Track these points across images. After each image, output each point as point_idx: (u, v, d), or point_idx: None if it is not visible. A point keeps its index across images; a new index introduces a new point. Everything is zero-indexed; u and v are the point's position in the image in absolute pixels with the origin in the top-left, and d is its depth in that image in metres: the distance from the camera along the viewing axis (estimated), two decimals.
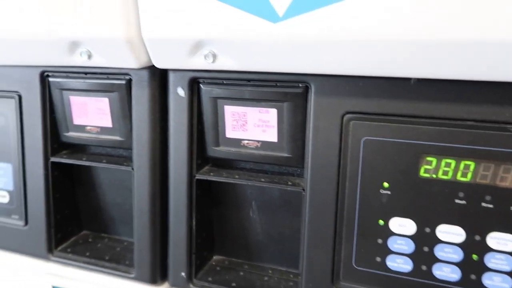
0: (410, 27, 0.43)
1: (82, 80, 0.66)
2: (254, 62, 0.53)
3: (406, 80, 0.50)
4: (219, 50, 0.53)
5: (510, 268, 0.49)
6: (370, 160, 0.53)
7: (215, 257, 0.72)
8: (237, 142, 0.61)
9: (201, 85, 0.60)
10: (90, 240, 0.78)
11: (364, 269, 0.56)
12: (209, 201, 0.68)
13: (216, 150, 0.63)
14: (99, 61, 0.60)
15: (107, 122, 0.67)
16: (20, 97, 0.70)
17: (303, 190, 0.58)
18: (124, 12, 0.54)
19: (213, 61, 0.55)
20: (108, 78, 0.64)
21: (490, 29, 0.41)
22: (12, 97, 0.71)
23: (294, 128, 0.57)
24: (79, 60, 0.61)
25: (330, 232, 0.57)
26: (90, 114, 0.68)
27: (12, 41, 0.62)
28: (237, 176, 0.62)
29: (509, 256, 0.49)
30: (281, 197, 0.65)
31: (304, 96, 0.56)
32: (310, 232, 0.58)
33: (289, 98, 0.56)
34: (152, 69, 0.61)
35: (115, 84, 0.64)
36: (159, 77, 0.63)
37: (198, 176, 0.63)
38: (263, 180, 0.61)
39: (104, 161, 0.69)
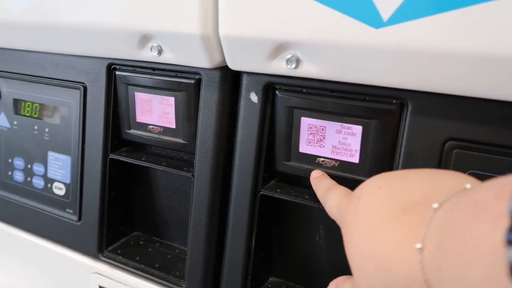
0: None
1: (149, 76, 0.62)
2: (344, 71, 0.46)
3: None
4: (304, 55, 0.47)
5: None
6: None
7: (271, 279, 0.66)
8: (311, 158, 0.54)
9: (277, 91, 0.54)
10: (141, 242, 0.75)
11: None
12: (271, 218, 0.62)
13: (286, 165, 0.56)
14: (170, 57, 0.56)
15: (171, 123, 0.63)
16: (85, 89, 0.68)
17: None
18: (201, 5, 0.49)
19: (296, 67, 0.48)
20: (176, 76, 0.60)
21: None
22: (77, 88, 0.68)
23: (381, 150, 0.50)
24: (149, 55, 0.57)
25: None
26: (154, 112, 0.64)
27: (81, 30, 0.59)
28: (307, 197, 0.55)
29: None
30: None
31: (397, 114, 0.48)
32: None
33: (378, 115, 0.49)
34: (224, 70, 0.56)
35: (183, 83, 0.59)
36: (231, 79, 0.57)
37: (263, 192, 0.57)
38: None
39: (164, 163, 0.64)
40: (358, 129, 0.50)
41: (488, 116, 0.43)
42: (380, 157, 0.50)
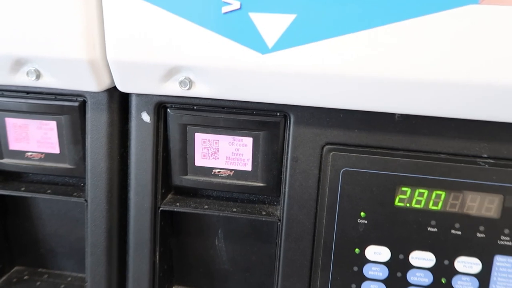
0: (393, 66, 0.44)
1: (23, 100, 0.57)
2: (234, 91, 0.51)
3: (387, 114, 0.51)
4: (197, 77, 0.50)
5: None
6: (349, 190, 0.54)
7: (174, 287, 0.68)
8: (207, 170, 0.58)
9: (168, 110, 0.56)
10: (25, 277, 0.69)
11: None
12: (170, 230, 0.64)
13: (183, 179, 0.59)
14: (50, 81, 0.53)
15: (54, 148, 0.59)
16: None
17: (279, 220, 0.57)
18: (87, 30, 0.48)
19: (189, 88, 0.51)
20: (56, 99, 0.57)
21: (467, 72, 0.43)
22: None
23: (270, 157, 0.56)
24: (24, 79, 0.53)
25: (306, 261, 0.56)
26: (32, 138, 0.59)
27: None
28: (206, 207, 0.59)
29: (473, 277, 0.53)
30: (249, 225, 0.63)
31: (282, 125, 0.54)
32: (286, 262, 0.57)
33: (266, 127, 0.55)
34: (110, 91, 0.56)
35: (66, 106, 0.57)
36: (119, 100, 0.57)
37: (163, 207, 0.59)
38: (235, 210, 0.58)
39: (49, 191, 0.61)
40: (249, 141, 0.56)
41: (354, 123, 0.52)
42: (270, 164, 0.56)
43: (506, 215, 0.51)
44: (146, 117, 0.56)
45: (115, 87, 0.54)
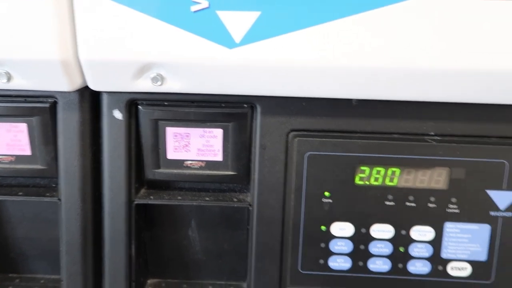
0: (349, 56, 0.49)
1: None
2: (204, 85, 0.54)
3: (345, 100, 0.56)
4: (168, 73, 0.53)
5: (429, 254, 0.60)
6: (313, 173, 0.58)
7: (149, 281, 0.70)
8: (179, 163, 0.61)
9: (139, 106, 0.58)
10: None
11: (309, 272, 0.61)
12: (144, 224, 0.66)
13: (156, 173, 0.61)
14: (21, 83, 0.54)
15: (25, 150, 0.60)
16: None
17: (250, 205, 0.60)
18: (59, 31, 0.49)
19: (161, 84, 0.54)
20: (26, 101, 0.58)
21: (413, 59, 0.49)
22: None
23: (240, 146, 0.59)
24: None
25: (277, 242, 0.60)
26: (1, 141, 0.60)
27: None
28: (180, 198, 0.62)
29: (428, 244, 0.59)
30: (221, 214, 0.66)
31: (249, 116, 0.58)
32: (258, 244, 0.61)
33: (234, 118, 0.58)
34: (81, 90, 0.57)
35: (36, 108, 0.57)
36: (90, 99, 0.59)
37: (137, 201, 0.61)
38: (207, 199, 0.61)
39: (21, 193, 0.61)
40: (219, 132, 0.59)
41: (316, 110, 0.57)
42: (239, 153, 0.60)
43: (453, 186, 0.58)
44: (118, 115, 0.58)
45: (86, 86, 0.55)
